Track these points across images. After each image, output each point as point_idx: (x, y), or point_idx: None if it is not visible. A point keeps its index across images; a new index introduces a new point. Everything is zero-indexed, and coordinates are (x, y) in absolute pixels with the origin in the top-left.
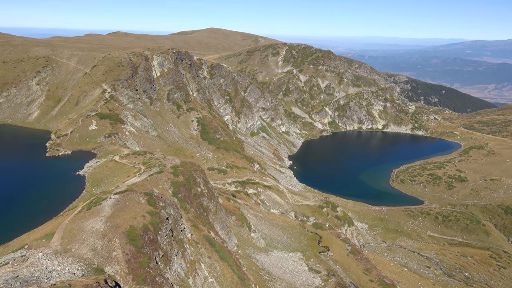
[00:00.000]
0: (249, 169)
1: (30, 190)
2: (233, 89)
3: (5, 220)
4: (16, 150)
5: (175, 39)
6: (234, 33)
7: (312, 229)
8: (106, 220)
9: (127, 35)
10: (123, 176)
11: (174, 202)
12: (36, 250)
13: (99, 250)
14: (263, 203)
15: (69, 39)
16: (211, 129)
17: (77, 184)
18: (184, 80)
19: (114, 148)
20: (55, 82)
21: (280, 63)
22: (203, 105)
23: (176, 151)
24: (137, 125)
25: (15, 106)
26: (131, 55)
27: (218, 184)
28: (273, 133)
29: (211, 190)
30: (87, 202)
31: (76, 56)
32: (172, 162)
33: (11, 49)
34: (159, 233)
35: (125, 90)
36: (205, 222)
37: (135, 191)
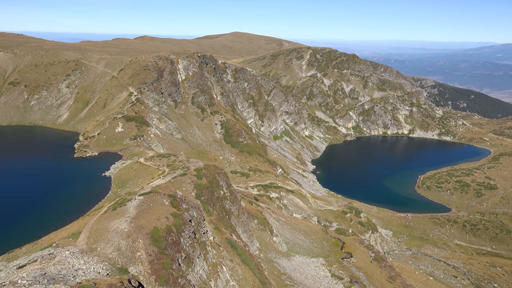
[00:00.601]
0: (272, 173)
1: (58, 190)
2: (257, 93)
3: (35, 218)
4: (46, 151)
5: (200, 43)
6: (259, 37)
7: (335, 235)
8: (131, 221)
9: (153, 39)
10: (147, 177)
11: (197, 205)
12: (63, 249)
13: (123, 250)
14: (286, 207)
15: (98, 43)
16: (235, 133)
17: (103, 185)
18: (208, 83)
19: (139, 150)
20: (84, 85)
21: (304, 67)
22: (227, 109)
23: (199, 154)
24: (162, 128)
25: (45, 108)
26: (157, 59)
27: (241, 187)
28: (296, 137)
29: (233, 193)
30: (112, 203)
31: (104, 60)
32: (195, 165)
33: (43, 53)
34: (182, 235)
35: (150, 93)
36: (228, 225)
37: (159, 193)
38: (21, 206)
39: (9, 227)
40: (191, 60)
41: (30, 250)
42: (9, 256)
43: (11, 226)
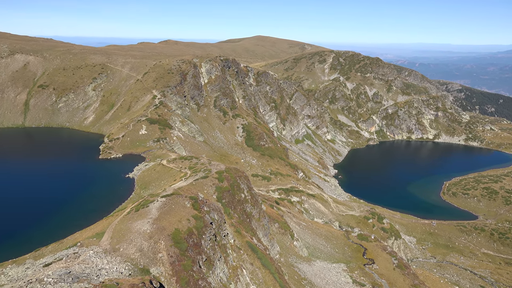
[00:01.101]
0: (293, 177)
1: (83, 191)
2: (279, 96)
3: (61, 218)
4: (72, 152)
5: (223, 46)
6: (281, 40)
7: (357, 240)
8: (153, 222)
9: (177, 43)
10: (170, 180)
11: (218, 207)
12: (87, 248)
13: (145, 251)
14: (307, 211)
15: (123, 47)
16: (256, 136)
17: (127, 186)
18: (230, 87)
19: (162, 152)
20: (109, 88)
21: (326, 70)
22: (249, 112)
23: (221, 157)
24: (184, 131)
25: (72, 110)
26: (180, 63)
27: (262, 191)
28: (318, 141)
29: (254, 196)
30: (135, 204)
31: (129, 64)
32: (217, 168)
33: (71, 57)
34: (203, 237)
35: (174, 96)
36: (248, 228)
37: (181, 195)
38: (48, 206)
39: (36, 226)
40: (214, 63)
41: (56, 249)
42: (36, 254)
43: (38, 225)
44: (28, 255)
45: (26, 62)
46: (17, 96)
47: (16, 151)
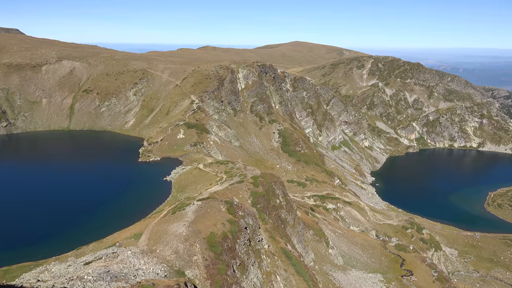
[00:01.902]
0: (329, 184)
1: (123, 192)
2: (316, 102)
3: (101, 218)
4: (114, 155)
5: (260, 52)
6: (318, 46)
7: (395, 251)
8: (189, 225)
9: (215, 49)
10: (206, 183)
11: (253, 212)
12: (126, 249)
13: (181, 254)
14: (343, 219)
15: (163, 53)
16: (292, 142)
17: (164, 189)
18: (267, 92)
19: (199, 156)
20: (150, 93)
21: (365, 76)
22: (285, 118)
23: (256, 162)
24: (221, 135)
25: (114, 114)
26: (218, 68)
27: (297, 197)
28: (355, 148)
29: (289, 202)
30: (172, 207)
31: (169, 69)
32: (252, 173)
33: (113, 63)
34: (237, 242)
35: (211, 101)
36: (283, 234)
37: (217, 199)
38: (90, 206)
39: (78, 225)
40: (251, 69)
41: (96, 248)
42: (77, 253)
43: (80, 225)
44: (70, 253)
45: (73, 68)
46: (63, 100)
47: (62, 153)
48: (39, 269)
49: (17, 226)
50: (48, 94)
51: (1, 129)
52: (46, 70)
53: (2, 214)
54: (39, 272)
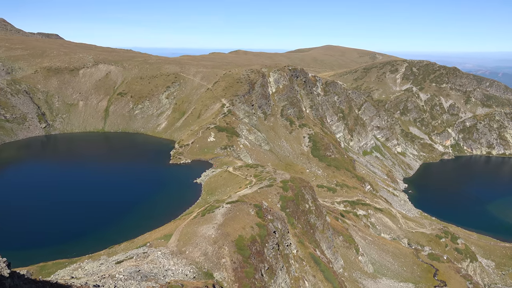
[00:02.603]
0: (359, 189)
1: (155, 193)
2: (347, 107)
3: (133, 218)
4: (146, 157)
5: (291, 56)
6: (351, 50)
7: (427, 260)
8: (218, 228)
9: (247, 53)
10: (235, 186)
11: (282, 217)
12: (156, 249)
13: (210, 256)
14: (373, 226)
15: (196, 57)
16: (322, 146)
17: (194, 191)
18: (298, 96)
19: (228, 159)
20: (181, 97)
21: (398, 80)
22: (316, 122)
23: (286, 166)
24: (251, 139)
25: (147, 117)
26: (249, 72)
27: (327, 202)
28: (388, 154)
29: (319, 207)
30: (202, 209)
31: (201, 73)
32: (282, 177)
33: (147, 67)
34: (265, 246)
35: (242, 105)
36: (311, 239)
37: (246, 202)
38: (123, 206)
39: (111, 225)
40: (282, 73)
41: (127, 247)
42: (109, 251)
43: (113, 225)
44: (103, 252)
45: (108, 71)
46: (99, 103)
47: (96, 154)
48: (73, 266)
49: (54, 224)
50: (84, 96)
51: (40, 130)
52: (83, 73)
53: (40, 212)
54: (73, 269)
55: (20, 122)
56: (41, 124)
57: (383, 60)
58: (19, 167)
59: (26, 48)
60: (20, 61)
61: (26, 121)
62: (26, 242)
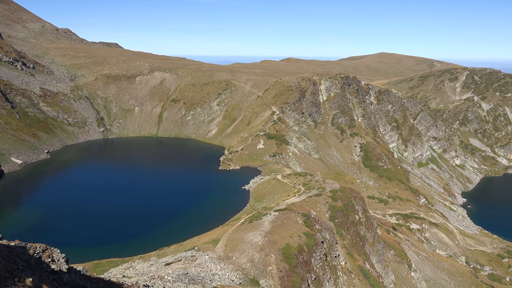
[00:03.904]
0: (413, 202)
1: (203, 198)
2: (401, 116)
3: (182, 222)
4: (196, 162)
5: (343, 64)
6: (406, 57)
7: (488, 281)
8: (265, 235)
9: (298, 61)
10: (283, 194)
11: (331, 227)
12: (204, 253)
13: (256, 263)
14: (428, 241)
15: (247, 65)
16: (374, 156)
17: (242, 198)
18: (349, 105)
19: (277, 167)
20: (232, 104)
21: (458, 89)
22: (368, 131)
23: (336, 176)
24: (300, 147)
25: (198, 123)
26: (300, 80)
27: (378, 214)
28: (445, 166)
29: (369, 219)
30: (249, 216)
31: (252, 81)
32: (331, 186)
33: (200, 74)
34: (313, 256)
35: (292, 113)
36: (361, 252)
37: (294, 210)
38: (173, 210)
39: (161, 227)
40: (334, 81)
41: (176, 250)
42: (159, 253)
43: (163, 227)
44: (153, 253)
45: (163, 78)
46: (153, 109)
47: (150, 158)
48: (125, 265)
49: (108, 224)
50: (140, 103)
51: (99, 134)
52: (140, 80)
53: (96, 213)
54: (125, 268)
55: (81, 126)
56: (99, 128)
57: (442, 68)
58: (79, 168)
59: (88, 57)
60: (82, 68)
61: (86, 125)
62: (82, 240)
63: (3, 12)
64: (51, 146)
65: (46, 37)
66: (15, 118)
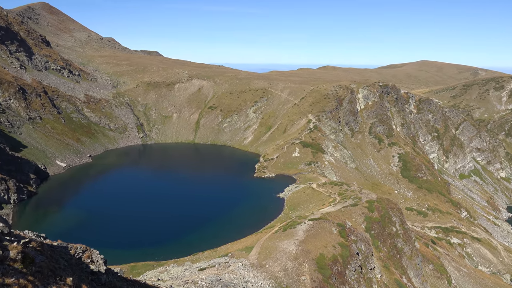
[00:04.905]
0: (454, 215)
1: (238, 205)
2: (443, 126)
3: (216, 227)
4: (231, 169)
5: (382, 72)
6: (449, 65)
7: None
8: (299, 244)
9: (335, 69)
10: (318, 203)
11: (366, 238)
12: (237, 260)
13: (289, 272)
14: (469, 257)
15: (284, 73)
16: (413, 167)
17: (276, 205)
18: (388, 113)
19: (312, 175)
20: (268, 111)
21: (504, 98)
22: (406, 141)
23: (372, 186)
24: (336, 156)
25: (234, 130)
26: (337, 88)
27: (416, 226)
28: (489, 178)
29: (407, 231)
30: (283, 224)
31: (288, 89)
32: (367, 197)
33: (237, 82)
34: (347, 267)
35: (328, 121)
36: (398, 265)
37: (328, 220)
38: (207, 216)
39: (196, 232)
40: (372, 89)
41: (210, 256)
42: (193, 258)
43: (197, 232)
44: (187, 258)
45: (201, 86)
46: (191, 115)
47: (186, 164)
48: (160, 269)
49: (145, 228)
50: (178, 109)
51: (138, 139)
52: (178, 88)
53: (134, 217)
54: (160, 272)
55: (122, 131)
56: (139, 134)
57: (486, 76)
58: (118, 173)
59: (130, 64)
60: (124, 76)
61: (126, 131)
62: (120, 242)
63: (52, 23)
64: (93, 151)
65: (91, 46)
66: (60, 123)
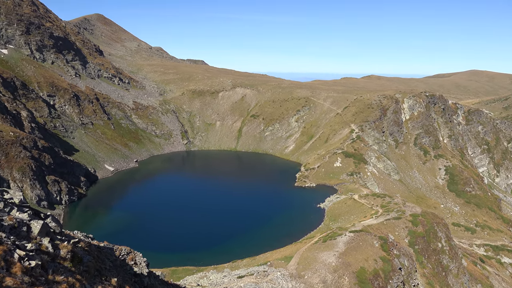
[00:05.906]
0: (505, 233)
1: (278, 214)
2: (494, 138)
3: (256, 236)
4: (272, 177)
5: (429, 82)
6: (501, 75)
7: None
8: (339, 256)
9: (380, 78)
10: (359, 215)
11: (410, 253)
12: (276, 269)
13: (329, 284)
14: None
15: (327, 82)
16: (461, 180)
17: (317, 216)
18: (434, 124)
19: (354, 186)
20: (310, 120)
21: None
22: (454, 153)
23: (417, 199)
24: (379, 167)
25: (276, 139)
26: (381, 98)
27: (463, 243)
28: None
29: (453, 248)
30: (323, 235)
31: (331, 98)
32: (412, 210)
33: (279, 91)
34: (389, 282)
35: (371, 131)
36: (443, 283)
37: (370, 233)
38: (247, 224)
39: (236, 240)
40: (418, 99)
41: (249, 264)
42: (232, 265)
43: (237, 239)
44: (226, 265)
45: (244, 94)
46: (233, 123)
47: (228, 171)
48: (199, 274)
49: (186, 234)
50: (221, 117)
51: (182, 146)
52: (222, 96)
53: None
54: (199, 277)
55: (167, 138)
56: (183, 141)
57: None
58: (163, 178)
59: (177, 73)
60: (171, 84)
61: (171, 137)
62: (162, 246)
63: (106, 33)
64: (139, 156)
65: (141, 55)
66: (110, 128)
